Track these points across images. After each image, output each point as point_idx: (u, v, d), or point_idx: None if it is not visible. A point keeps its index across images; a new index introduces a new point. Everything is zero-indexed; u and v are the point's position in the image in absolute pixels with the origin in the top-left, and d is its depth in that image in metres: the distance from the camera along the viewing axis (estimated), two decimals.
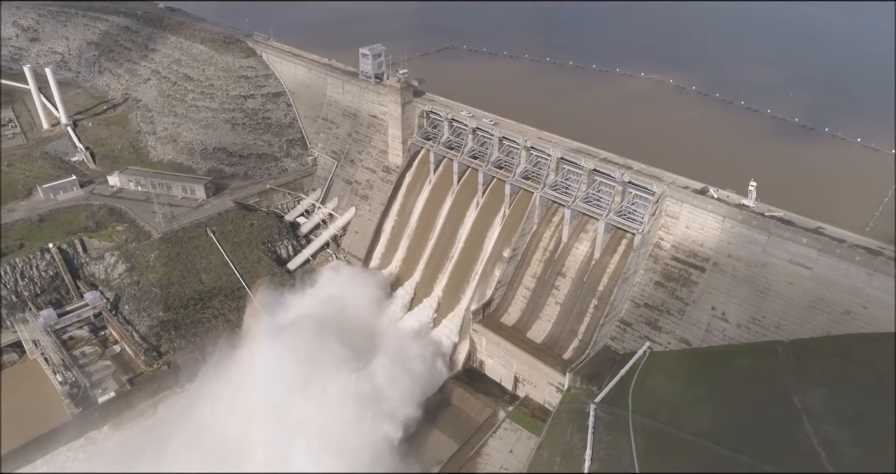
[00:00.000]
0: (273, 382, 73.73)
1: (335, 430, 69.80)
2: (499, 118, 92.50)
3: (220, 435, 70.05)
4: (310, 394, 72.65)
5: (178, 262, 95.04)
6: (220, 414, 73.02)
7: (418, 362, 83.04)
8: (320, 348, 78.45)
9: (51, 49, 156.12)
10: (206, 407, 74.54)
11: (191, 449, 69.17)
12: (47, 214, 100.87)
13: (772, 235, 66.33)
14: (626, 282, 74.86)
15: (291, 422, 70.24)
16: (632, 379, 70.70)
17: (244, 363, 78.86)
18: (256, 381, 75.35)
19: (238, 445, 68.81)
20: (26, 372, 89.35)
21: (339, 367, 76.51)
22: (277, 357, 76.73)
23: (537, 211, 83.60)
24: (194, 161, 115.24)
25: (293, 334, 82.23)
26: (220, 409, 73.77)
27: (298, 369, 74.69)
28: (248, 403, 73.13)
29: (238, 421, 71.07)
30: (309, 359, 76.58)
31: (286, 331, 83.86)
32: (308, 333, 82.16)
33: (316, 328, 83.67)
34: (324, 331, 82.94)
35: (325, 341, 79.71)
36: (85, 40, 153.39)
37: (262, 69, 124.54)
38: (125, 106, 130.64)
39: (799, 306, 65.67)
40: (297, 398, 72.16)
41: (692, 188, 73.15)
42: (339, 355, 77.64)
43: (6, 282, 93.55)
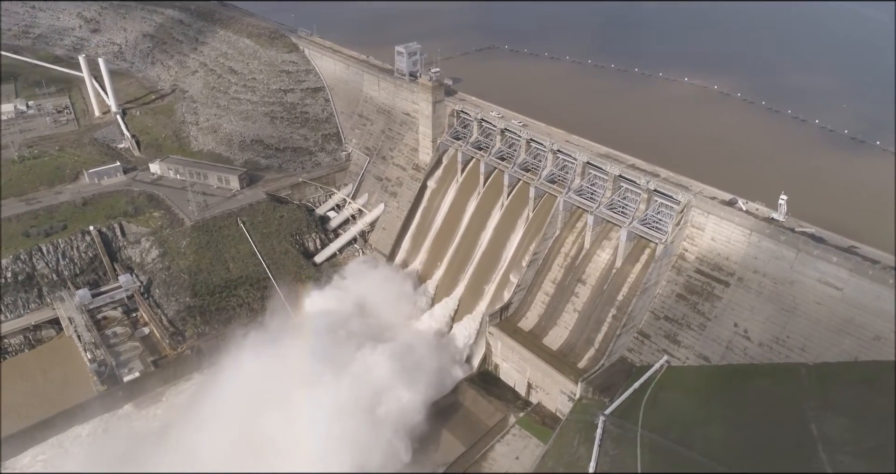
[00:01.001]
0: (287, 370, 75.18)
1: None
2: (528, 120, 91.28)
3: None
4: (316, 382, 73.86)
5: (207, 250, 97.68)
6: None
7: (429, 359, 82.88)
8: (334, 344, 79.49)
9: (110, 40, 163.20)
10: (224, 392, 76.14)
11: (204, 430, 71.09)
12: (91, 198, 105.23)
13: (800, 252, 63.17)
14: (645, 292, 72.71)
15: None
16: (645, 394, 68.73)
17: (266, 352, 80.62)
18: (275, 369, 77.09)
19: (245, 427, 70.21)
20: (61, 347, 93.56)
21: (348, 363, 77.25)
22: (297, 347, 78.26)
23: (561, 215, 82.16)
24: (232, 152, 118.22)
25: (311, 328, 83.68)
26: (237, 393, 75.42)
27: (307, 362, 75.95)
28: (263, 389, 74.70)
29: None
30: (322, 354, 77.69)
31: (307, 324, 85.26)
32: (327, 329, 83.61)
33: (333, 325, 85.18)
34: (340, 328, 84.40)
35: (339, 337, 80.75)
36: (141, 32, 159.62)
37: (303, 64, 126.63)
38: (172, 96, 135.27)
39: (826, 328, 62.36)
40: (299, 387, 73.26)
41: (720, 199, 70.39)
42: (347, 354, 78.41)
43: (49, 261, 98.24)
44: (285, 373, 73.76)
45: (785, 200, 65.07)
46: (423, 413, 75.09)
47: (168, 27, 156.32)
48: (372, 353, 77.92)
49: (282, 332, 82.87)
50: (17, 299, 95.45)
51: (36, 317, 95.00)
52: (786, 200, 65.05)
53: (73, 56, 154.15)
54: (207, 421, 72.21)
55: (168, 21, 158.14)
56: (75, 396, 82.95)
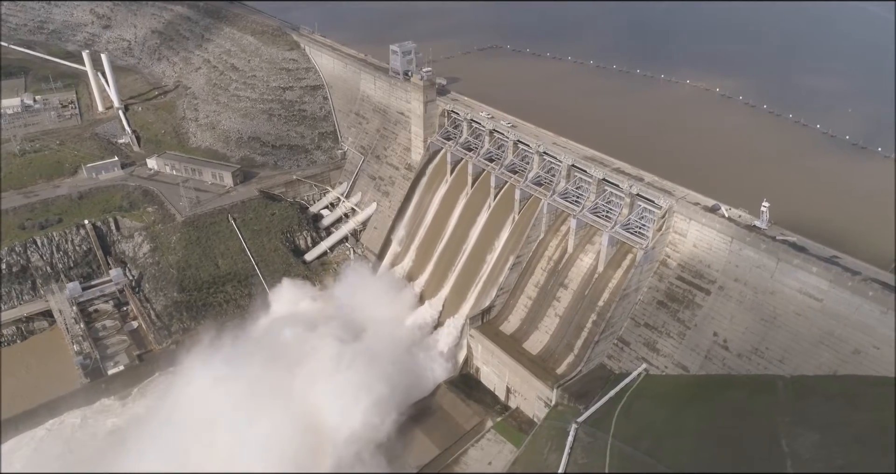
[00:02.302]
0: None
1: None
2: (518, 121, 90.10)
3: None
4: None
5: (197, 246, 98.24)
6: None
7: (409, 359, 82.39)
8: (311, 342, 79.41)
9: (120, 36, 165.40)
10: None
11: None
12: (87, 192, 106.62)
13: (781, 261, 61.25)
14: (625, 298, 71.21)
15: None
16: (620, 402, 67.47)
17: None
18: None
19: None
20: (53, 339, 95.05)
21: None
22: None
23: (545, 218, 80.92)
24: (229, 149, 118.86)
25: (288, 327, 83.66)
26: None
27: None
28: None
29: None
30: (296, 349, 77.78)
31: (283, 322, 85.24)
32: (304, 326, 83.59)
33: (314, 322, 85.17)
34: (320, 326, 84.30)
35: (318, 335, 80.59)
36: (150, 29, 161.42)
37: (303, 62, 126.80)
38: (175, 92, 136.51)
39: (806, 340, 60.39)
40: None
41: (703, 205, 68.60)
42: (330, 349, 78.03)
43: (43, 254, 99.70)
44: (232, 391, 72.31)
45: (767, 208, 63.12)
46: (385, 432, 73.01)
47: (176, 24, 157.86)
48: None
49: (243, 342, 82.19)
50: (11, 290, 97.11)
51: (29, 308, 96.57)
52: (768, 208, 63.09)
53: (89, 51, 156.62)
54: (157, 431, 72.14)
55: (177, 18, 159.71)
56: (60, 388, 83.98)
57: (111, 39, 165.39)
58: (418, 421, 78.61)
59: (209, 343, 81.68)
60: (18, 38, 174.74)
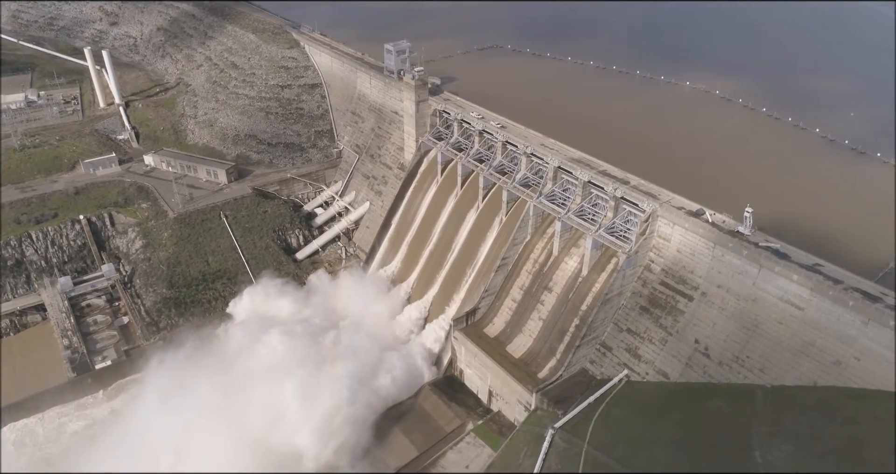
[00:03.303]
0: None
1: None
2: (508, 122, 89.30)
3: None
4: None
5: (188, 243, 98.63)
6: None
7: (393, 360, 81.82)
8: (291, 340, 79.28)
9: (126, 33, 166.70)
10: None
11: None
12: (83, 187, 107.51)
13: (763, 268, 59.91)
14: (607, 303, 70.19)
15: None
16: (599, 408, 66.51)
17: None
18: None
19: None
20: (45, 333, 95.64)
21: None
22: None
23: (531, 220, 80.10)
24: (225, 146, 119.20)
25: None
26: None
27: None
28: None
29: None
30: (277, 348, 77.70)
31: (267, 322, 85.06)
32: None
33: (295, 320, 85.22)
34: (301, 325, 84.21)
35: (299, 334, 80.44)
36: (156, 26, 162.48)
37: (302, 60, 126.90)
38: (176, 90, 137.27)
39: (787, 349, 59.05)
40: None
41: (687, 209, 67.35)
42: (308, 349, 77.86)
43: (38, 248, 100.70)
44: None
45: (751, 213, 61.77)
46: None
47: (181, 21, 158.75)
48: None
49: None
50: (6, 284, 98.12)
51: (22, 302, 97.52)
52: (751, 213, 61.74)
53: (91, 48, 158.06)
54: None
55: (182, 15, 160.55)
56: (47, 381, 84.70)
57: (118, 36, 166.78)
58: (399, 422, 78.22)
59: (175, 349, 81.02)
60: (29, 34, 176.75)
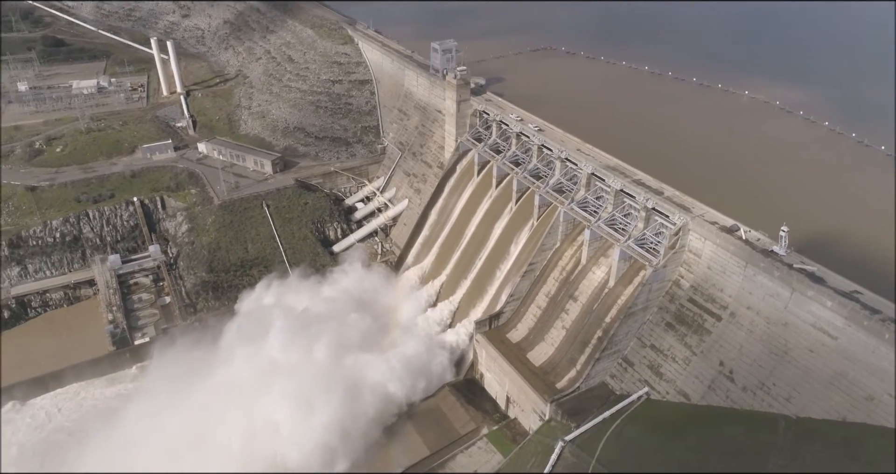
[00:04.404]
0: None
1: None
2: (547, 125, 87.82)
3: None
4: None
5: (229, 229, 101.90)
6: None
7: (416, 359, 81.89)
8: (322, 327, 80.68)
9: (195, 25, 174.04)
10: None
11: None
12: (139, 171, 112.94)
13: (795, 292, 56.46)
14: (631, 317, 67.88)
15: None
16: (613, 424, 64.39)
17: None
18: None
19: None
20: (92, 307, 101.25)
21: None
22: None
23: (561, 227, 78.42)
24: (275, 137, 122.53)
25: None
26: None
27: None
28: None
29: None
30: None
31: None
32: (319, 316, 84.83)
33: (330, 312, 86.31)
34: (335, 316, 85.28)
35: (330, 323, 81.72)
36: (223, 19, 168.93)
37: (355, 56, 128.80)
38: (234, 81, 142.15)
39: (816, 380, 55.46)
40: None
41: (721, 225, 64.25)
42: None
43: (94, 226, 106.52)
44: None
45: (787, 232, 58.30)
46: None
47: (246, 15, 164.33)
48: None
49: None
50: (63, 258, 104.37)
51: (76, 276, 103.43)
52: (787, 232, 58.26)
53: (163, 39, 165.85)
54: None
55: (248, 9, 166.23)
56: (88, 353, 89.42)
57: (188, 28, 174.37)
58: (414, 420, 78.33)
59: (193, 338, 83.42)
60: (108, 23, 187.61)
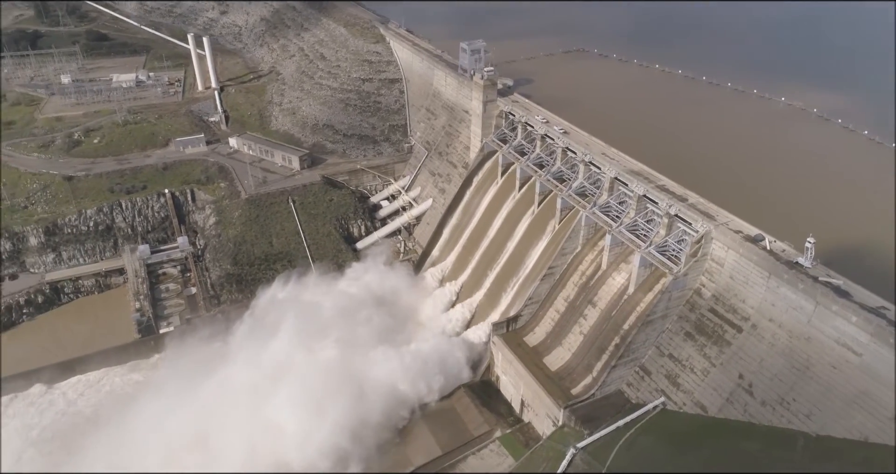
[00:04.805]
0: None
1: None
2: (573, 128, 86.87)
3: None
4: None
5: (255, 223, 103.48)
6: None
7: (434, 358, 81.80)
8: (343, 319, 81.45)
9: (233, 22, 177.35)
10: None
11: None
12: (172, 164, 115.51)
13: (819, 305, 54.65)
14: (649, 325, 66.69)
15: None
16: (626, 433, 63.35)
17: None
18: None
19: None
20: (122, 295, 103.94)
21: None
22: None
23: (583, 231, 77.52)
24: (304, 134, 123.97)
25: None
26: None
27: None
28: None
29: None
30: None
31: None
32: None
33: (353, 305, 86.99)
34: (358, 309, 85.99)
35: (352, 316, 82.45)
36: (260, 16, 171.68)
37: (386, 55, 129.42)
38: (268, 77, 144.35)
39: (839, 397, 53.61)
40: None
41: (745, 234, 62.57)
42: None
43: (126, 216, 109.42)
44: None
45: (813, 244, 56.46)
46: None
47: (282, 13, 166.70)
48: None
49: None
50: (96, 246, 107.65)
51: (107, 264, 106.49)
52: (814, 243, 56.43)
53: (201, 35, 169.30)
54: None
55: (284, 7, 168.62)
56: (115, 340, 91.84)
57: (225, 25, 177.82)
58: (428, 420, 78.29)
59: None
60: (150, 19, 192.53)
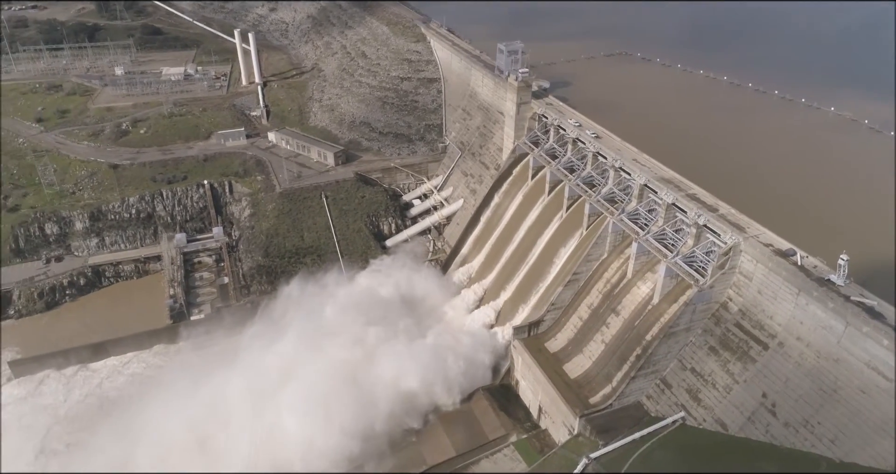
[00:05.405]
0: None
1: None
2: (605, 132, 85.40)
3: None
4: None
5: (287, 217, 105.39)
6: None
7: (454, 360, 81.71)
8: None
9: (281, 19, 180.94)
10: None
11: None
12: (212, 156, 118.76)
13: (849, 326, 52.23)
14: (672, 337, 65.04)
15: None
16: (642, 447, 61.96)
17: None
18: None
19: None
20: (159, 281, 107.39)
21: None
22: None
23: (610, 237, 76.17)
24: (341, 131, 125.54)
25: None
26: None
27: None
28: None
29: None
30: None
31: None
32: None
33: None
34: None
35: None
36: (307, 14, 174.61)
37: (426, 54, 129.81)
38: (310, 74, 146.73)
39: (866, 423, 51.18)
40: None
41: (775, 248, 60.29)
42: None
43: (166, 205, 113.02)
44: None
45: (846, 261, 53.99)
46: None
47: (328, 10, 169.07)
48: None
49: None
50: (136, 233, 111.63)
51: (146, 251, 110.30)
52: (847, 261, 53.95)
53: (249, 30, 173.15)
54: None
55: (331, 4, 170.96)
56: (148, 324, 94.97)
57: (273, 21, 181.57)
58: (445, 420, 78.34)
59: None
60: (203, 14, 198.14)
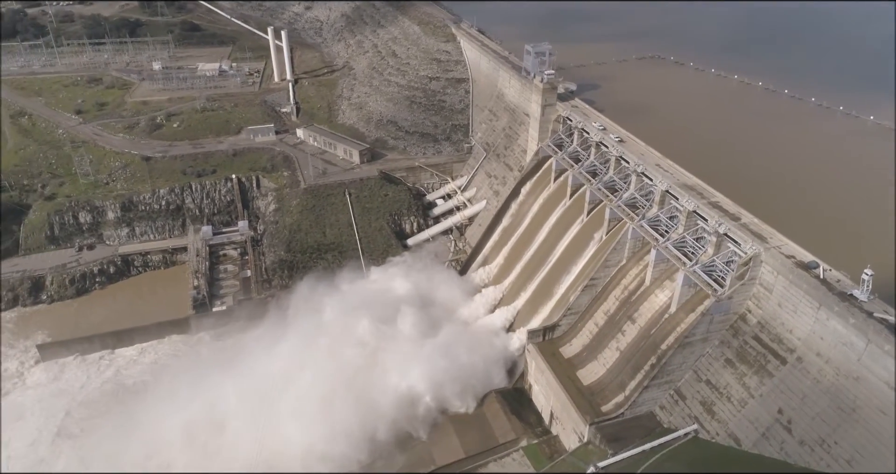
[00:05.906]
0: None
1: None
2: (629, 136, 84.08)
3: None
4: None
5: (311, 213, 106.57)
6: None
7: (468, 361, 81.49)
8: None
9: (316, 17, 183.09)
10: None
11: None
12: (241, 151, 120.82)
13: (871, 343, 50.29)
14: (687, 347, 63.64)
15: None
16: (651, 458, 60.88)
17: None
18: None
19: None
20: (185, 271, 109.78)
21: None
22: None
23: (629, 243, 74.91)
24: (368, 129, 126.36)
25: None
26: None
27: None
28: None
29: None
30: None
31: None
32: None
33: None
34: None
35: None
36: (341, 12, 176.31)
37: (455, 55, 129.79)
38: (341, 72, 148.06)
39: (885, 445, 49.23)
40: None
41: (798, 260, 58.44)
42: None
43: (195, 198, 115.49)
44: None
45: (870, 276, 51.99)
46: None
47: (362, 9, 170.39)
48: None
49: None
50: (165, 224, 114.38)
51: (174, 242, 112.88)
52: (871, 276, 51.95)
53: (283, 28, 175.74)
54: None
55: (364, 3, 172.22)
56: (172, 313, 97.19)
57: (308, 19, 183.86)
58: (456, 421, 78.26)
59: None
60: (241, 12, 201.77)
